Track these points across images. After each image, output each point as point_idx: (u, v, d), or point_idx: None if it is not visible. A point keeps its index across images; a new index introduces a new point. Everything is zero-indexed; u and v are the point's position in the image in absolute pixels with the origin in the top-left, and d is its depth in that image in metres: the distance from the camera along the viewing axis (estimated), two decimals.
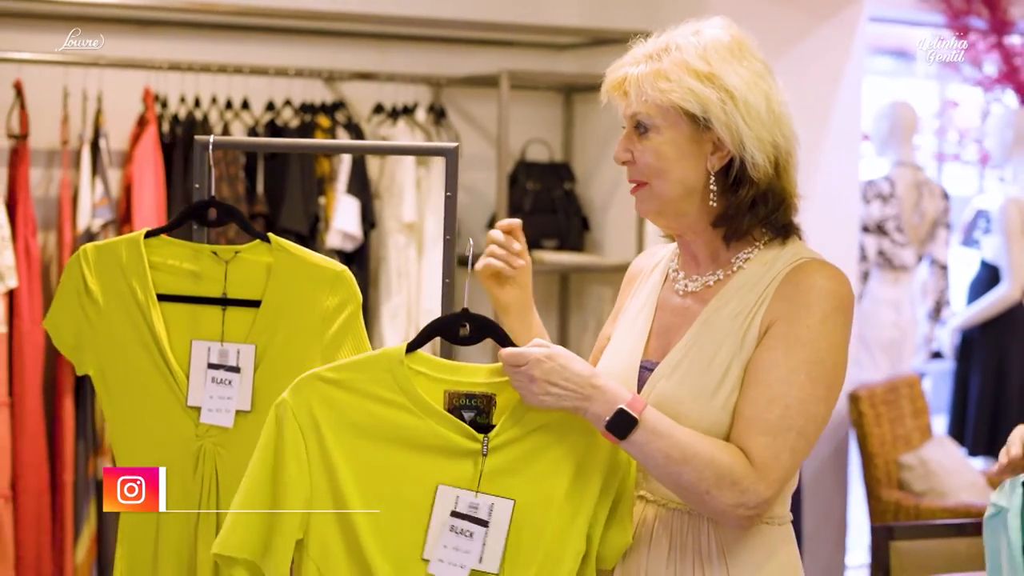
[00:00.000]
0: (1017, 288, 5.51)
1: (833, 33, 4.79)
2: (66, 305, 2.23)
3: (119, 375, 2.20)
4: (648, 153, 2.01)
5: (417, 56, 4.87)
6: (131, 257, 2.20)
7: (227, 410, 2.17)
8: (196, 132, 4.24)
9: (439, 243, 4.54)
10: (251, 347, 2.17)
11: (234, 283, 2.20)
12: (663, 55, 2.02)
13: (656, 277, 2.17)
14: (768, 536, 2.00)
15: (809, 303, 1.95)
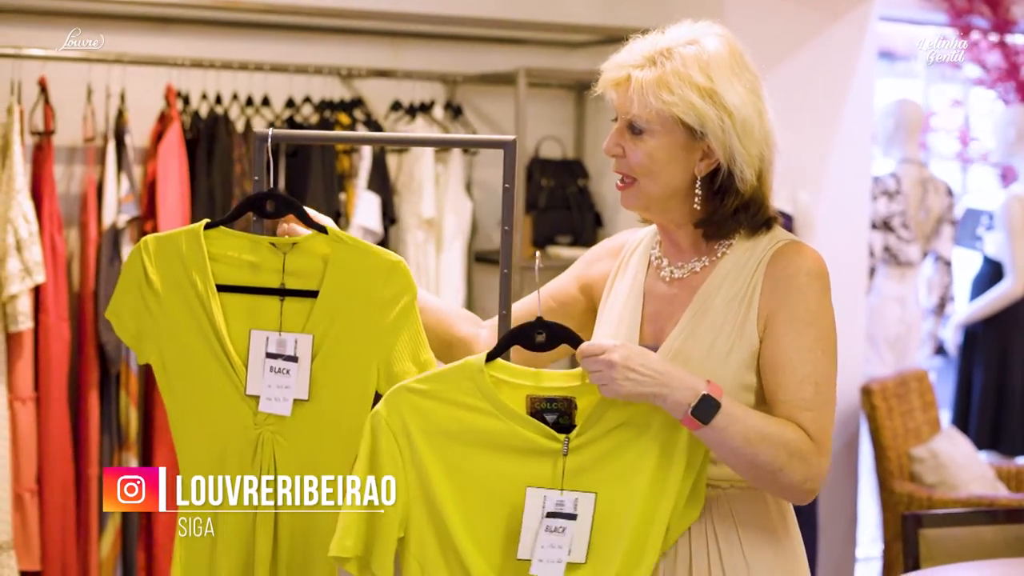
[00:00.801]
0: (1020, 284, 5.58)
1: (844, 32, 4.85)
2: (127, 295, 2.24)
3: (179, 365, 2.22)
4: (640, 154, 2.11)
5: (431, 54, 4.92)
6: (191, 248, 2.22)
7: (285, 399, 2.18)
8: (218, 129, 4.29)
9: (457, 239, 4.61)
10: (308, 337, 2.19)
11: (292, 274, 2.21)
12: (664, 60, 2.10)
13: (637, 262, 2.27)
14: (763, 499, 2.14)
15: (801, 287, 2.08)
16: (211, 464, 2.18)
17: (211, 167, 4.25)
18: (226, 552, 2.22)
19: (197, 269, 2.21)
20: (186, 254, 2.22)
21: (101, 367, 4.17)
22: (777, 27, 4.72)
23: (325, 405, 2.20)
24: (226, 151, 4.27)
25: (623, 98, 2.11)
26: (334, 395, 2.19)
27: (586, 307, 2.37)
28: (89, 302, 4.14)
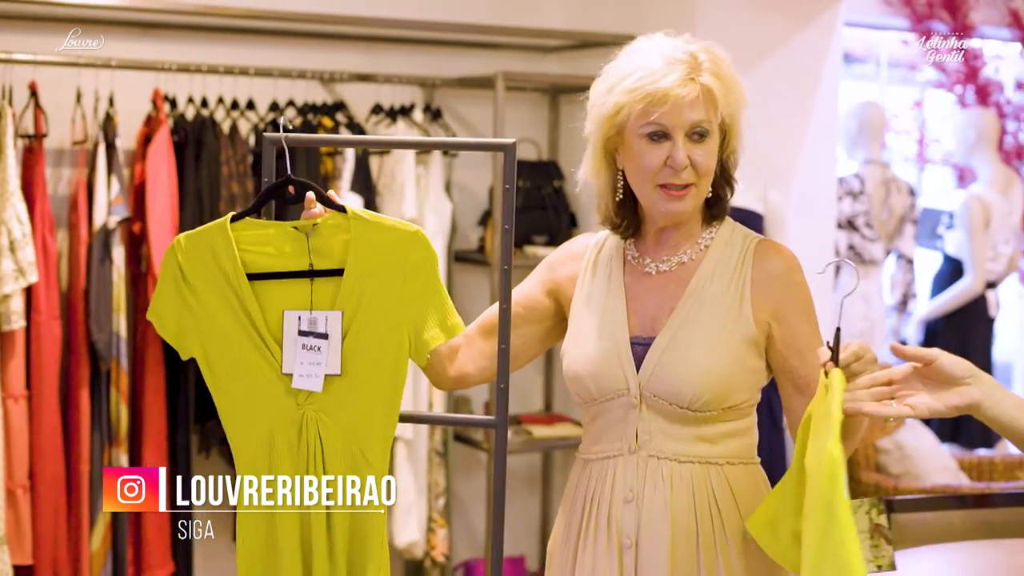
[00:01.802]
0: (979, 281, 5.75)
1: (812, 37, 4.99)
2: (166, 295, 2.32)
3: (222, 355, 2.30)
4: (707, 156, 2.27)
5: (410, 58, 5.03)
6: (221, 241, 2.30)
7: (316, 375, 2.27)
8: (205, 131, 4.38)
9: (438, 239, 4.72)
10: (338, 313, 2.28)
11: (317, 254, 2.30)
12: (708, 66, 2.26)
13: (610, 261, 2.43)
14: (758, 476, 2.36)
15: (796, 283, 2.34)
16: (261, 448, 2.28)
17: (199, 169, 4.35)
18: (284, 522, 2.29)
19: (228, 260, 2.30)
20: (217, 247, 2.31)
21: (92, 365, 4.25)
22: (747, 33, 4.85)
23: (360, 378, 2.29)
24: (213, 153, 4.36)
25: (690, 108, 2.23)
26: (368, 368, 2.29)
27: (554, 311, 2.51)
28: (80, 301, 4.23)
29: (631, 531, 2.29)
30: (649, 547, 2.28)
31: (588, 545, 2.35)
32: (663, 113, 2.23)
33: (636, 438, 2.32)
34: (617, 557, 2.30)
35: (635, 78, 2.26)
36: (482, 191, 5.18)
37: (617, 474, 2.33)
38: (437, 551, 4.81)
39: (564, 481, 5.46)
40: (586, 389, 2.37)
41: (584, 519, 2.37)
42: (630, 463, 2.31)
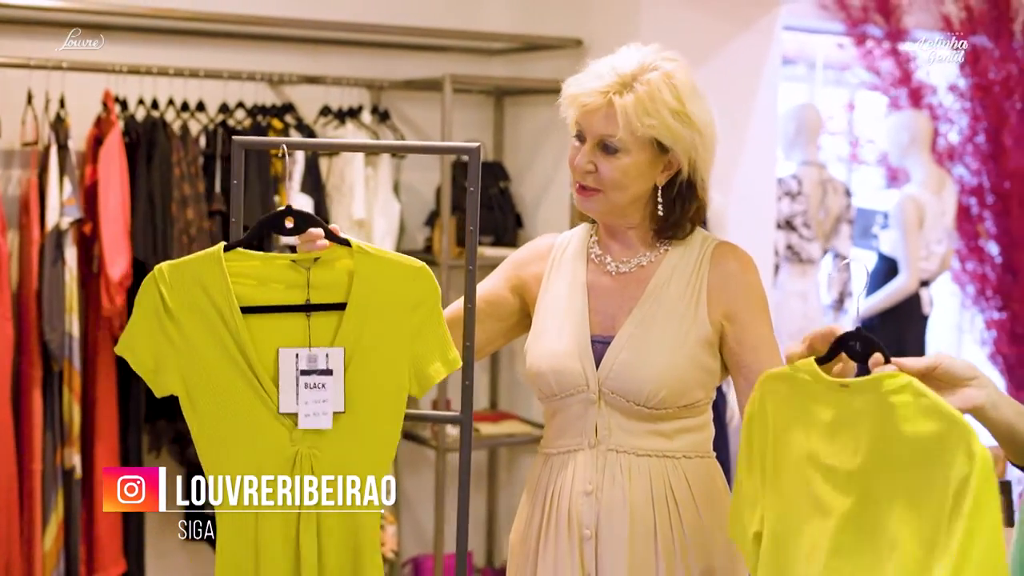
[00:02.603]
0: (914, 279, 5.88)
1: (752, 41, 5.09)
2: (144, 326, 2.23)
3: (206, 392, 2.21)
4: (614, 171, 2.35)
5: (354, 60, 5.08)
6: (212, 273, 2.22)
7: (325, 413, 2.22)
8: (156, 133, 4.41)
9: (387, 239, 4.77)
10: (340, 349, 2.23)
11: (317, 288, 2.23)
12: (637, 85, 2.33)
13: (573, 259, 2.51)
14: (713, 468, 2.44)
15: (751, 283, 2.41)
16: (245, 487, 2.21)
17: (151, 170, 4.38)
18: (269, 561, 2.24)
19: (220, 293, 2.22)
20: (206, 279, 2.22)
21: (44, 365, 4.27)
22: (690, 35, 4.95)
23: (360, 414, 2.24)
24: (165, 155, 4.39)
25: (598, 120, 2.33)
26: (369, 403, 2.24)
27: (518, 308, 2.58)
28: (32, 302, 4.24)
29: (590, 522, 2.37)
30: (608, 538, 2.35)
31: (549, 537, 2.42)
32: (578, 117, 2.37)
33: (596, 433, 2.40)
34: (578, 548, 2.38)
35: (575, 78, 2.39)
36: (429, 192, 5.25)
37: (577, 467, 2.40)
38: (386, 547, 4.86)
39: (509, 478, 5.55)
40: (547, 385, 2.45)
41: (545, 512, 2.44)
42: (589, 457, 2.39)
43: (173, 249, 4.36)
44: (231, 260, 2.24)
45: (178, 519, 4.68)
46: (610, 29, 5.00)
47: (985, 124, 6.24)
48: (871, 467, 1.84)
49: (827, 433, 1.89)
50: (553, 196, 5.23)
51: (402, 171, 5.05)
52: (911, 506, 1.79)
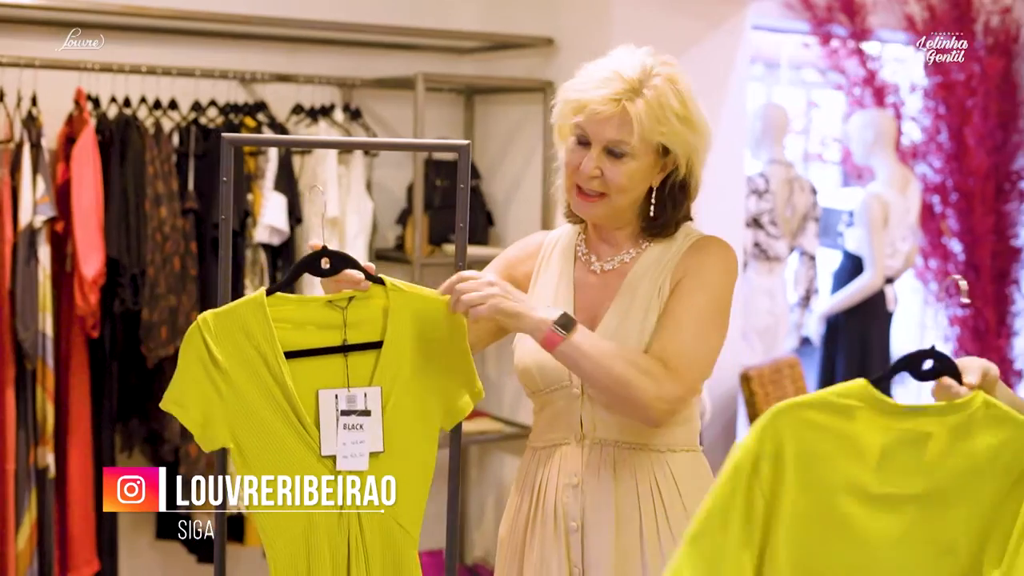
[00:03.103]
0: (879, 277, 5.94)
1: (721, 40, 5.13)
2: (191, 379, 2.20)
3: (254, 441, 2.21)
4: (621, 176, 2.38)
5: (326, 59, 5.08)
6: (256, 319, 2.22)
7: (361, 454, 2.23)
8: (129, 131, 4.40)
9: (360, 237, 4.78)
10: (377, 389, 2.24)
11: (353, 327, 2.24)
12: (645, 91, 2.35)
13: (561, 257, 2.54)
14: (695, 460, 2.45)
15: (709, 264, 2.40)
16: (297, 536, 2.21)
17: (124, 168, 4.36)
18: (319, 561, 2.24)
19: (265, 339, 2.21)
20: (251, 325, 2.22)
21: (17, 364, 4.25)
22: (660, 35, 4.96)
23: (398, 451, 2.25)
24: (138, 153, 4.38)
25: (610, 126, 2.35)
26: (405, 441, 2.25)
27: None
28: (5, 300, 4.22)
29: (576, 515, 2.40)
30: (594, 530, 2.39)
31: (536, 529, 2.45)
32: (583, 121, 2.38)
33: (581, 426, 2.43)
34: (564, 540, 2.41)
35: (579, 81, 2.40)
36: (400, 190, 5.26)
37: (563, 460, 2.44)
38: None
39: (480, 475, 5.57)
40: (533, 380, 2.48)
41: (532, 504, 2.47)
42: (575, 450, 2.42)
43: (147, 247, 4.35)
44: (273, 305, 2.24)
45: (151, 519, 4.69)
46: (581, 28, 5.03)
47: (948, 123, 6.31)
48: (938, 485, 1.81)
49: (879, 460, 1.81)
50: (523, 194, 5.25)
51: (374, 169, 5.06)
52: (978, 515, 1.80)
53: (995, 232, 6.37)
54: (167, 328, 4.38)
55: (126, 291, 4.33)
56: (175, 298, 4.41)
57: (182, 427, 4.30)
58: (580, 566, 2.40)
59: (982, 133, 6.25)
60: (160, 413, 4.40)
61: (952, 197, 6.36)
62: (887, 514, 1.82)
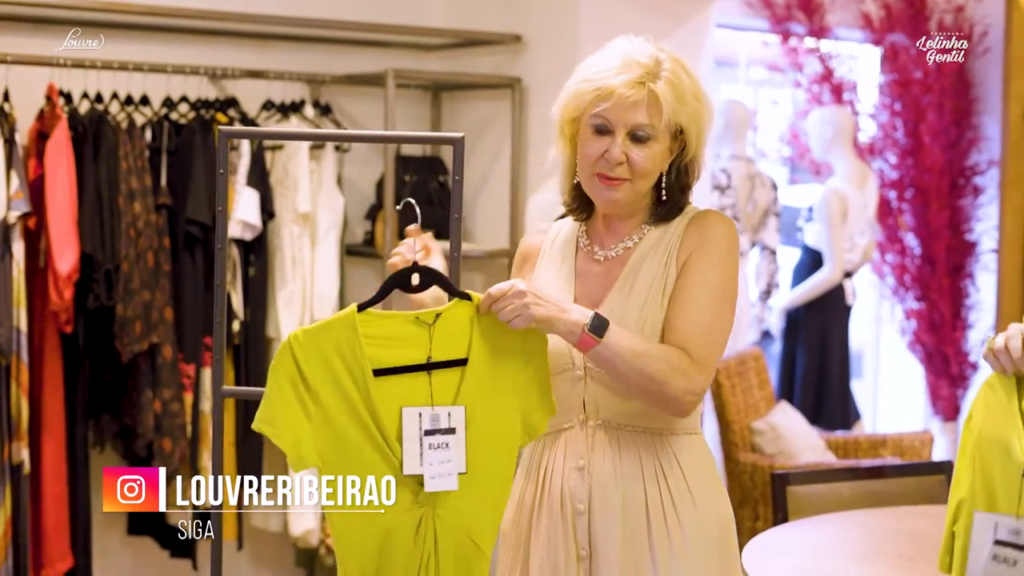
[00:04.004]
0: (838, 271, 6.03)
1: (686, 38, 5.20)
2: (281, 399, 2.17)
3: (340, 459, 2.17)
4: (646, 159, 2.39)
5: (295, 55, 5.11)
6: (348, 336, 2.18)
7: (449, 474, 2.19)
8: (103, 127, 4.40)
9: (331, 232, 4.81)
10: (461, 408, 2.20)
11: (438, 345, 2.21)
12: (661, 72, 2.38)
13: (563, 249, 2.56)
14: (698, 443, 2.47)
15: (715, 238, 2.41)
16: (371, 552, 2.18)
17: (98, 164, 4.37)
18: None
19: (354, 357, 2.18)
20: (342, 344, 2.18)
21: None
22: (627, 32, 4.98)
23: (479, 469, 2.22)
24: (112, 148, 4.39)
25: (638, 110, 2.37)
26: (487, 460, 2.23)
27: None
28: None
29: (583, 497, 2.41)
30: (601, 513, 2.40)
31: (543, 514, 2.46)
32: (607, 108, 2.38)
33: (584, 409, 2.44)
34: (571, 524, 2.42)
35: (593, 71, 2.41)
36: (368, 186, 5.29)
37: (568, 444, 2.45)
38: (332, 539, 4.89)
39: None
40: None
41: (538, 489, 2.48)
42: (580, 433, 2.44)
43: (121, 243, 4.35)
44: (364, 322, 2.20)
45: (123, 514, 4.69)
46: (548, 25, 5.08)
47: (904, 120, 6.41)
48: None
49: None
50: (492, 189, 5.30)
51: (344, 165, 5.08)
52: None
53: (950, 227, 6.47)
54: (141, 323, 4.38)
55: (100, 287, 4.34)
56: (149, 293, 4.42)
57: (156, 421, 4.37)
58: (587, 548, 2.42)
59: (937, 130, 6.35)
60: (134, 408, 4.42)
61: (908, 193, 6.46)
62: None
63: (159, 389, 4.45)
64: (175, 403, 4.48)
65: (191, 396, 4.56)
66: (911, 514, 3.40)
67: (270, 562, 5.24)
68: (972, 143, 6.48)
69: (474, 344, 2.23)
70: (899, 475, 3.70)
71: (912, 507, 3.49)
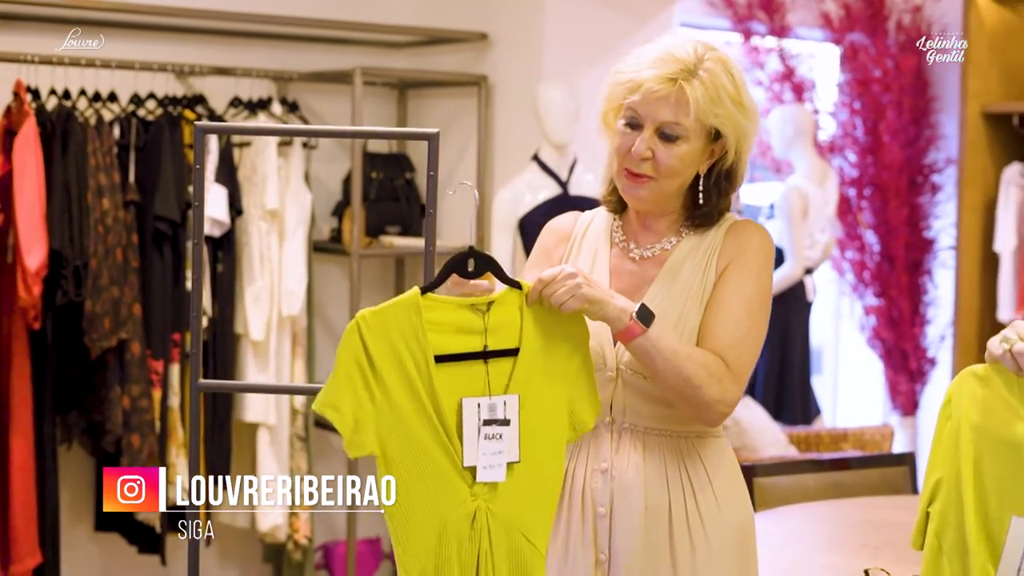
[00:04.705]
0: (799, 268, 6.10)
1: (650, 36, 5.21)
2: (348, 381, 2.11)
3: (399, 449, 2.13)
4: (672, 158, 2.35)
5: (259, 52, 5.12)
6: (411, 319, 2.13)
7: (499, 465, 2.16)
8: (71, 123, 4.41)
9: (299, 229, 4.83)
10: (515, 397, 2.17)
11: (492, 333, 2.18)
12: (699, 71, 2.33)
13: (597, 242, 2.51)
14: (722, 445, 2.45)
15: (754, 249, 2.39)
16: (430, 547, 2.14)
17: (66, 161, 4.37)
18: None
19: (418, 343, 2.13)
20: (406, 327, 2.13)
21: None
22: (591, 30, 5.09)
23: (530, 463, 2.19)
24: (80, 145, 4.39)
25: (666, 107, 2.33)
26: (536, 451, 2.20)
27: None
28: None
29: (605, 500, 2.38)
30: (623, 516, 2.37)
31: (562, 514, 2.42)
32: (637, 103, 2.34)
33: (611, 411, 2.41)
34: (592, 526, 2.39)
35: (629, 62, 2.39)
36: (334, 183, 5.31)
37: (592, 445, 2.41)
38: (300, 534, 4.92)
39: None
40: None
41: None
42: (605, 435, 2.40)
43: (89, 239, 4.36)
44: (426, 307, 2.15)
45: (90, 511, 4.68)
46: (514, 23, 5.13)
47: (863, 118, 6.49)
48: None
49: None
50: None
51: (308, 164, 5.10)
52: None
53: (908, 224, 6.55)
54: (110, 319, 4.39)
55: (69, 283, 4.34)
56: (118, 290, 4.42)
57: (124, 417, 4.38)
58: (607, 552, 2.38)
59: (896, 128, 6.43)
60: (102, 404, 4.42)
61: (867, 190, 6.53)
62: None
63: (127, 385, 4.46)
64: (143, 399, 4.49)
65: (159, 392, 4.57)
66: (875, 505, 3.46)
67: (237, 558, 5.26)
68: (930, 141, 6.56)
69: (525, 332, 2.20)
70: (863, 467, 3.77)
71: (876, 498, 3.56)
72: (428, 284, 2.20)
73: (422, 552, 2.13)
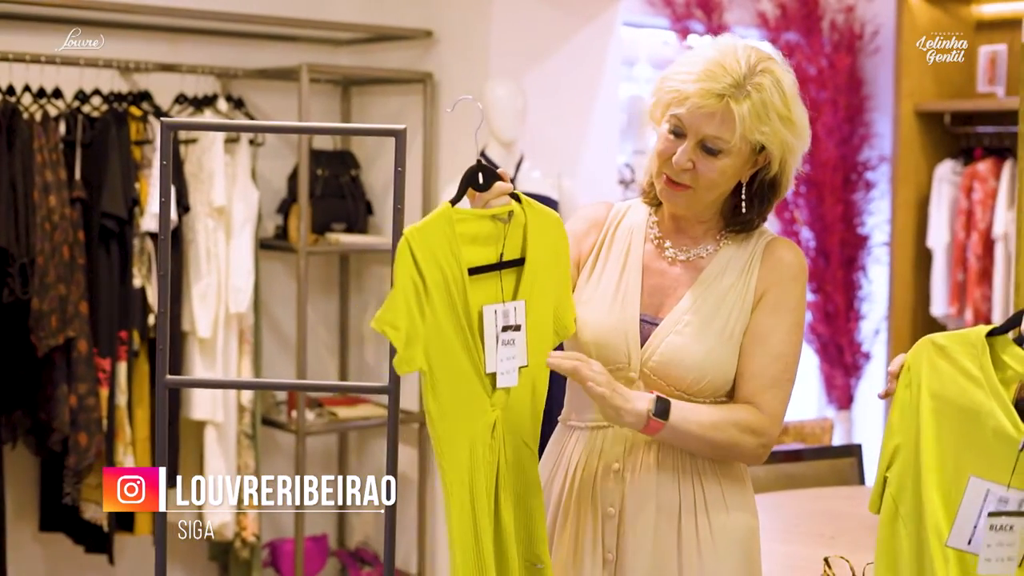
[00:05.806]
0: None
1: (594, 35, 5.30)
2: (404, 300, 2.08)
3: (442, 363, 2.12)
4: (713, 171, 2.32)
5: (206, 49, 5.10)
6: (447, 235, 2.13)
7: (513, 371, 2.19)
8: (16, 120, 4.37)
9: (246, 226, 4.82)
10: (522, 303, 2.21)
11: (507, 244, 2.22)
12: (752, 90, 2.29)
13: (631, 236, 2.47)
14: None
15: (795, 277, 2.39)
16: (465, 458, 2.15)
17: (12, 157, 4.33)
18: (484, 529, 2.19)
19: (455, 257, 2.14)
20: (443, 242, 2.13)
21: None
22: (538, 29, 5.13)
23: (533, 367, 2.23)
24: (26, 142, 4.36)
25: (712, 122, 2.29)
26: (536, 356, 2.23)
27: None
28: None
29: (615, 501, 2.37)
30: (633, 518, 2.37)
31: (569, 513, 2.42)
32: (683, 114, 2.31)
33: None
34: (600, 526, 2.39)
35: (677, 70, 2.35)
36: (279, 180, 5.30)
37: (605, 444, 2.40)
38: (248, 531, 4.91)
39: (359, 460, 5.64)
40: (587, 355, 2.34)
41: (565, 486, 2.44)
42: (619, 434, 2.39)
43: (36, 236, 4.33)
44: (456, 221, 2.16)
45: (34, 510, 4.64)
46: (460, 21, 5.15)
47: None
48: None
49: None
50: None
51: (254, 161, 5.09)
52: None
53: (843, 220, 6.64)
54: (57, 317, 4.36)
55: (15, 280, 4.31)
56: (64, 287, 4.39)
57: (71, 416, 4.35)
58: (614, 552, 2.37)
59: (831, 126, 6.52)
60: (48, 403, 4.39)
61: (803, 187, 6.62)
62: None
63: (74, 384, 4.43)
64: (91, 398, 4.46)
65: (107, 390, 4.55)
66: (826, 495, 3.52)
67: (183, 556, 5.23)
68: (864, 139, 6.66)
69: (529, 243, 2.24)
70: (813, 458, 3.84)
71: (827, 488, 3.62)
72: (454, 197, 2.22)
73: (459, 465, 2.14)
